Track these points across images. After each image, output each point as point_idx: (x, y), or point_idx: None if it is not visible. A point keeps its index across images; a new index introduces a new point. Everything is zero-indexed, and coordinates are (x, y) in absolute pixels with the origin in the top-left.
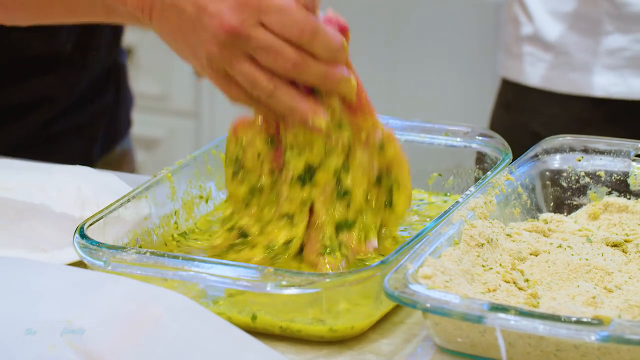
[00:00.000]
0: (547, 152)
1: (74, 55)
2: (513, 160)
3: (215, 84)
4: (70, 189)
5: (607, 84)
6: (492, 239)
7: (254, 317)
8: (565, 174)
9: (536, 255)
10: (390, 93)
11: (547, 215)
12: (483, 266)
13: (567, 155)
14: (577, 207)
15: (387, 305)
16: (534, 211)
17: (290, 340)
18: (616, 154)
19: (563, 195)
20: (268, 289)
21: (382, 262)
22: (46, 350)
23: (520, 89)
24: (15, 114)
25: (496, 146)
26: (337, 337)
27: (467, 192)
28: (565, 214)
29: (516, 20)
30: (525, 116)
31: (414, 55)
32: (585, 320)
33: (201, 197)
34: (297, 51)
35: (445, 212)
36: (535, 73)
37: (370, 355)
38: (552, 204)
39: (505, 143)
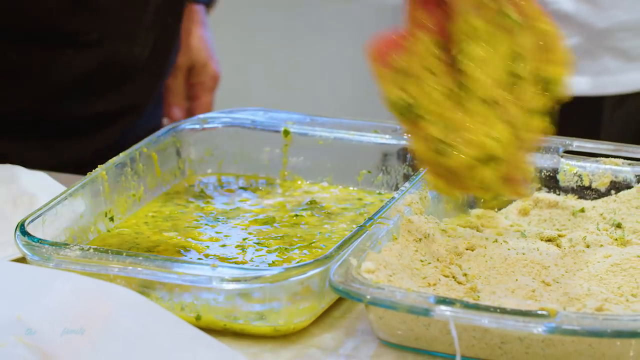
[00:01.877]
0: None
1: (150, 61)
2: None
3: None
4: (0, 188)
5: None
6: (428, 234)
7: (198, 317)
8: None
9: (472, 250)
10: (291, 93)
11: (478, 211)
12: (421, 261)
13: None
14: (508, 202)
15: (329, 300)
16: (465, 207)
17: (235, 334)
18: (545, 150)
19: None
20: (213, 284)
21: (325, 257)
22: None
23: None
24: (99, 124)
25: None
26: (280, 334)
27: (402, 188)
28: (496, 209)
29: None
30: None
31: (312, 55)
32: (531, 312)
33: (134, 195)
34: None
35: (383, 208)
36: None
37: (314, 349)
38: (482, 200)
39: None
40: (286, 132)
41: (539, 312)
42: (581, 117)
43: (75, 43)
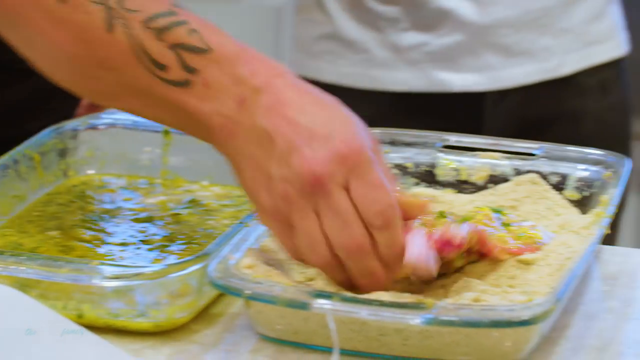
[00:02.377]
0: None
1: None
2: None
3: (272, 228)
4: None
5: (408, 78)
6: None
7: (80, 315)
8: None
9: None
10: None
11: None
12: None
13: None
14: None
15: (209, 296)
16: None
17: (117, 331)
18: (423, 145)
19: None
20: (93, 282)
21: (203, 254)
22: None
23: (319, 87)
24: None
25: None
26: (161, 330)
27: None
28: None
29: (313, 20)
30: None
31: None
32: (409, 304)
33: (16, 197)
34: (366, 234)
35: None
36: (334, 70)
37: (194, 345)
38: None
39: None
40: (166, 132)
41: (416, 304)
42: (463, 114)
43: (7, 72)
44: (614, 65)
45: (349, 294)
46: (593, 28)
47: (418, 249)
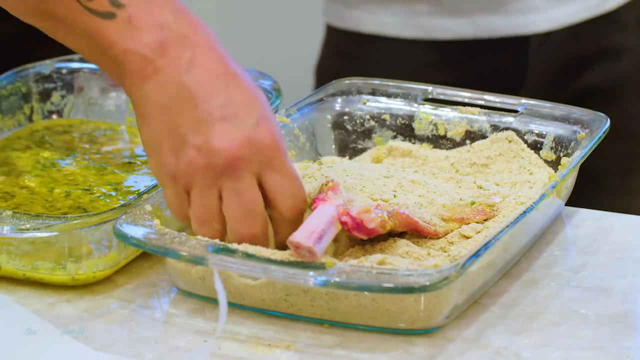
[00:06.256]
0: (334, 94)
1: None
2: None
3: (164, 187)
4: None
5: (453, 25)
6: None
7: None
8: (349, 117)
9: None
10: None
11: (329, 158)
12: None
13: (354, 97)
14: (363, 150)
15: (133, 250)
16: (314, 154)
17: (37, 284)
18: (404, 97)
19: (348, 139)
20: (4, 232)
21: (123, 205)
22: None
23: (359, 37)
24: None
25: (265, 88)
26: (80, 284)
27: None
28: (348, 157)
29: None
30: (364, 64)
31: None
32: (306, 264)
33: None
34: (265, 226)
35: None
36: (375, 20)
37: (112, 299)
38: (334, 147)
39: (277, 84)
40: None
41: (315, 264)
42: (507, 57)
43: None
44: None
45: (252, 249)
46: None
47: (312, 228)
